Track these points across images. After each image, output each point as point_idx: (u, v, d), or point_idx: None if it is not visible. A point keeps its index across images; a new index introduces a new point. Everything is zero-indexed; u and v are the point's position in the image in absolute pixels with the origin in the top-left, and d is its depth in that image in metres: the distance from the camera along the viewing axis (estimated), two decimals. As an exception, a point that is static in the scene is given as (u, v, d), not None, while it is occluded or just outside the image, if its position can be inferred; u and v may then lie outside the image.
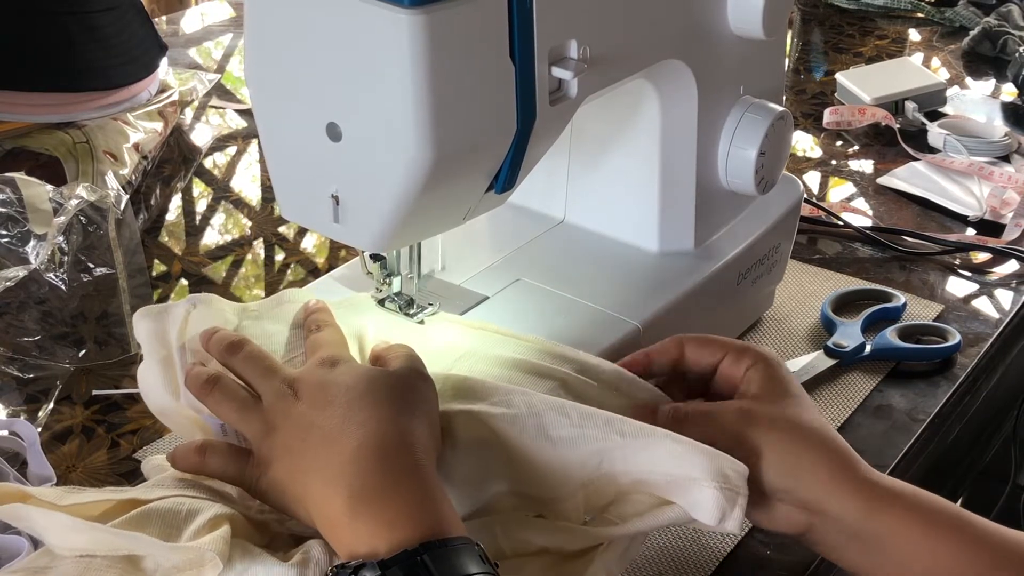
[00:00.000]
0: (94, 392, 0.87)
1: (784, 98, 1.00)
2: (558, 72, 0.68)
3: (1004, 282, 1.06)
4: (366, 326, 0.73)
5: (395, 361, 0.67)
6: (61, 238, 0.88)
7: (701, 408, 0.68)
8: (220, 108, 1.37)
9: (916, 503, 0.64)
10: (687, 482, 0.62)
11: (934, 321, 0.99)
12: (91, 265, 0.90)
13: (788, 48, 1.59)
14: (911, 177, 1.23)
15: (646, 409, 0.69)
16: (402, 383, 0.64)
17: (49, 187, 0.91)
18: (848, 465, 0.65)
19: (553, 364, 0.71)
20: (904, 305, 0.99)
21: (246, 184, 1.22)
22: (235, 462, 0.64)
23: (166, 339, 0.68)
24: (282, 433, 0.62)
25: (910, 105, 1.34)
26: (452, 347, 0.73)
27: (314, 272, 1.05)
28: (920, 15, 1.70)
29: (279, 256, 1.09)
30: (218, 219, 1.16)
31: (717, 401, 0.69)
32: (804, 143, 1.33)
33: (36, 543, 0.70)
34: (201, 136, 1.30)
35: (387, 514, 0.57)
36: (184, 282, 1.04)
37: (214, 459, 0.64)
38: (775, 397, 0.68)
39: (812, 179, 1.26)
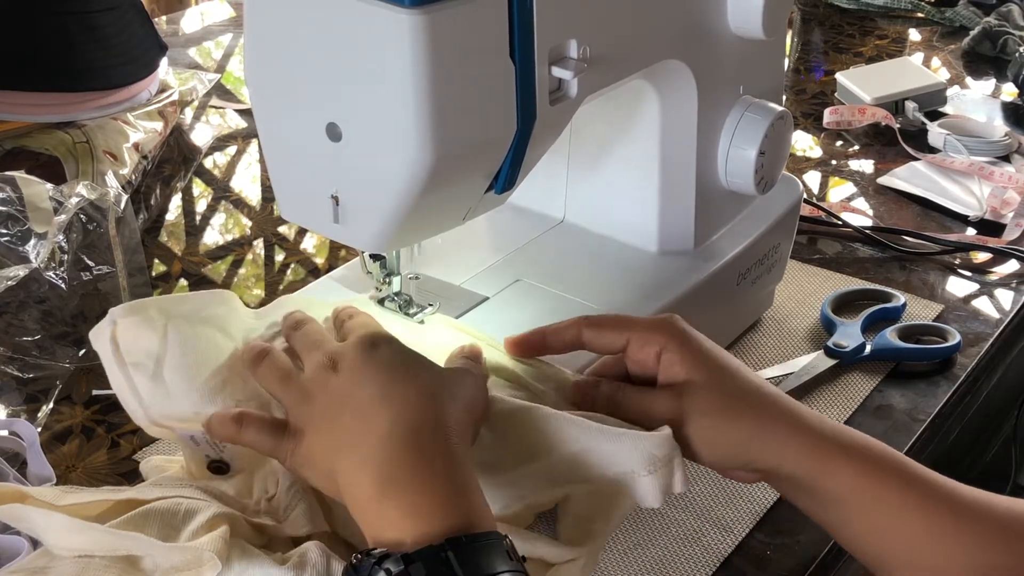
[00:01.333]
0: (94, 392, 0.87)
1: (784, 98, 1.00)
2: (558, 72, 0.68)
3: (1004, 282, 1.06)
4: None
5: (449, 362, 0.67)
6: (61, 237, 0.88)
7: (635, 397, 0.67)
8: (220, 108, 1.37)
9: (866, 455, 0.64)
10: (626, 477, 0.63)
11: (934, 321, 0.99)
12: (91, 264, 0.90)
13: (788, 48, 1.59)
14: (911, 177, 1.23)
15: (586, 387, 0.69)
16: (446, 371, 0.64)
17: (49, 186, 0.91)
18: (794, 424, 0.65)
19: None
20: (904, 305, 0.99)
21: (246, 184, 1.22)
22: (271, 434, 0.63)
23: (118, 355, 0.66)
24: (318, 404, 0.62)
25: (910, 105, 1.34)
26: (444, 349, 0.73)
27: (314, 272, 1.05)
28: (920, 15, 1.70)
29: (279, 256, 1.09)
30: (218, 219, 1.16)
31: (649, 391, 0.68)
32: (804, 143, 1.33)
33: (35, 543, 0.70)
34: (201, 136, 1.30)
35: (416, 500, 0.56)
36: (184, 282, 1.04)
37: (250, 430, 0.63)
38: (703, 378, 0.66)
39: (812, 179, 1.26)
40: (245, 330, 0.69)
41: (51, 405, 0.85)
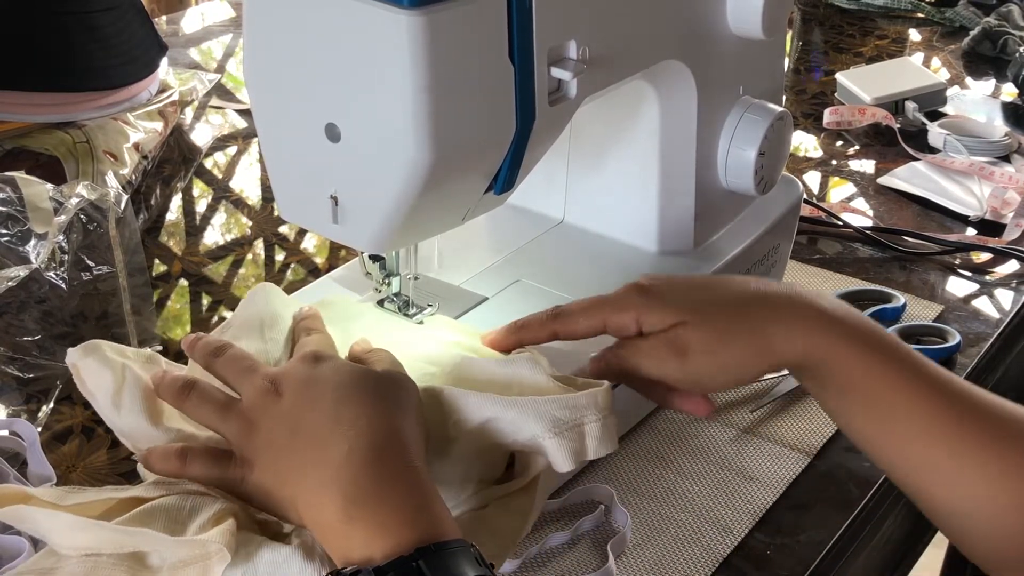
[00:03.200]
0: (94, 392, 0.87)
1: (784, 98, 1.00)
2: (557, 73, 0.68)
3: (1004, 282, 1.06)
4: (355, 330, 0.73)
5: (378, 364, 0.66)
6: (61, 237, 0.88)
7: (634, 351, 0.68)
8: (220, 108, 1.37)
9: (869, 342, 0.66)
10: (536, 442, 0.63)
11: (934, 321, 0.99)
12: (91, 264, 0.90)
13: (788, 48, 1.59)
14: (911, 177, 1.23)
15: (599, 355, 0.70)
16: (388, 380, 0.63)
17: (49, 186, 0.91)
18: (792, 318, 0.66)
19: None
20: (904, 306, 0.99)
21: (246, 184, 1.22)
22: (216, 465, 0.62)
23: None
24: (264, 432, 0.61)
25: (910, 105, 1.34)
26: (441, 353, 0.73)
27: (314, 272, 1.06)
28: (920, 15, 1.70)
29: (279, 256, 1.10)
30: (218, 219, 1.16)
31: (640, 342, 0.68)
32: (804, 143, 1.33)
33: (37, 544, 0.70)
34: (201, 136, 1.30)
35: (382, 518, 0.56)
36: (184, 282, 1.05)
37: (195, 464, 0.62)
38: (687, 316, 0.67)
39: (812, 179, 1.26)
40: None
41: (51, 405, 0.85)
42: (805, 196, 1.02)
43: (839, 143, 1.33)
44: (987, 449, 0.64)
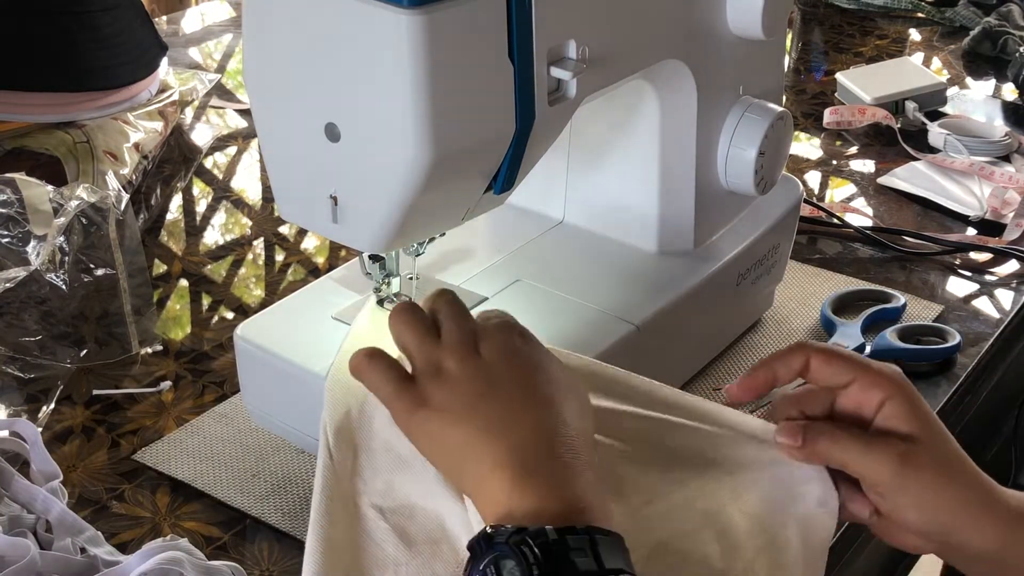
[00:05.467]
0: (94, 392, 0.87)
1: (784, 98, 1.00)
2: (557, 72, 0.68)
3: (1004, 282, 1.06)
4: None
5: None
6: (62, 239, 0.89)
7: (856, 439, 0.65)
8: (220, 108, 1.37)
9: None
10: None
11: (934, 321, 0.99)
12: (92, 265, 0.90)
13: (788, 48, 1.59)
14: (911, 177, 1.23)
15: (796, 426, 0.67)
16: (578, 387, 0.64)
17: (49, 188, 0.91)
18: (988, 495, 0.64)
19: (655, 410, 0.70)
20: (904, 306, 0.99)
21: (246, 184, 1.23)
22: (393, 382, 0.62)
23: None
24: (453, 382, 0.61)
25: (910, 105, 1.34)
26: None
27: (314, 272, 1.06)
28: (920, 15, 1.70)
29: (279, 256, 1.10)
30: (218, 219, 1.16)
31: (871, 436, 0.65)
32: (804, 143, 1.33)
33: (41, 545, 0.70)
34: (201, 136, 1.30)
35: (553, 490, 0.56)
36: (184, 282, 1.05)
37: (375, 370, 0.62)
38: (927, 436, 0.64)
39: (812, 179, 1.26)
40: None
41: (52, 405, 0.86)
42: (805, 196, 1.02)
43: (839, 143, 1.33)
44: None
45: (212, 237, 1.13)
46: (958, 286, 1.06)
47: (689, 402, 0.69)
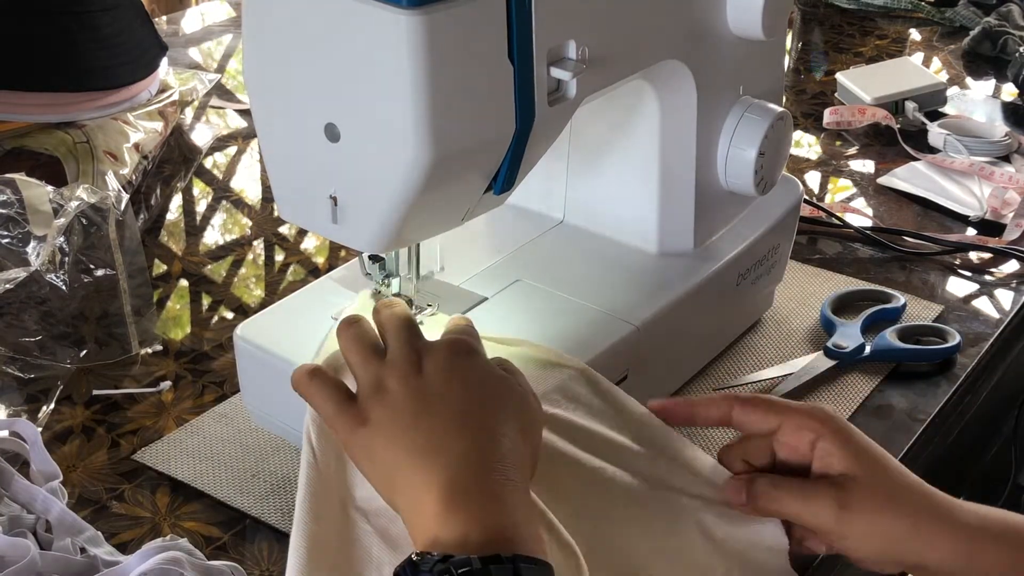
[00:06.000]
0: (94, 392, 0.87)
1: (784, 98, 1.00)
2: (557, 73, 0.68)
3: (1004, 282, 1.06)
4: None
5: (521, 380, 0.66)
6: (61, 239, 0.89)
7: (793, 492, 0.66)
8: (220, 108, 1.37)
9: (1004, 532, 0.64)
10: None
11: (934, 321, 0.99)
12: (91, 266, 0.90)
13: (788, 48, 1.59)
14: (911, 177, 1.23)
15: (740, 483, 0.68)
16: (525, 403, 0.64)
17: (49, 188, 0.91)
18: (945, 519, 0.64)
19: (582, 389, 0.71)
20: (904, 306, 0.99)
21: (246, 184, 1.23)
22: (336, 401, 0.63)
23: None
24: (394, 399, 0.61)
25: (910, 105, 1.34)
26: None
27: (314, 272, 1.06)
28: (920, 15, 1.70)
29: (279, 256, 1.10)
30: (218, 219, 1.16)
31: (807, 483, 0.67)
32: (804, 143, 1.33)
33: (41, 545, 0.70)
34: (201, 136, 1.30)
35: (483, 516, 0.56)
36: (184, 282, 1.05)
37: (319, 390, 0.63)
38: (862, 473, 0.65)
39: (812, 179, 1.26)
40: None
41: (52, 405, 0.86)
42: (805, 196, 1.02)
43: (839, 143, 1.33)
44: None
45: (212, 237, 1.13)
46: (958, 286, 1.06)
47: (657, 425, 0.71)
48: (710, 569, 0.66)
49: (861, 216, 1.16)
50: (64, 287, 0.89)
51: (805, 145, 1.33)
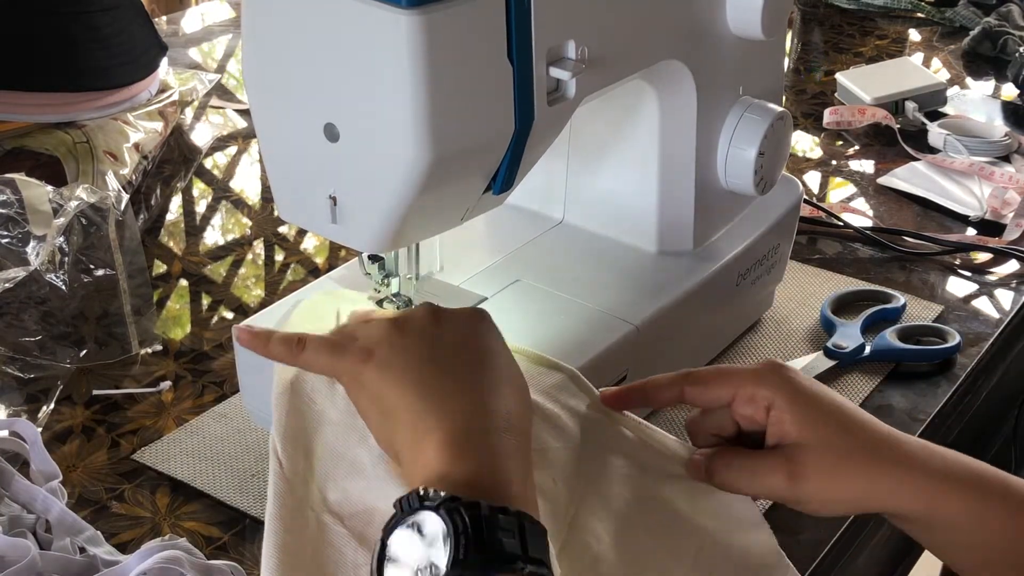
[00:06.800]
0: (94, 392, 0.87)
1: (784, 98, 1.00)
2: (556, 72, 0.68)
3: (1004, 282, 1.06)
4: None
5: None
6: (61, 239, 0.89)
7: (743, 467, 0.66)
8: (220, 108, 1.37)
9: (968, 477, 0.65)
10: None
11: (934, 321, 0.99)
12: (91, 266, 0.91)
13: (788, 48, 1.59)
14: (911, 177, 1.23)
15: (699, 461, 0.68)
16: (525, 387, 0.64)
17: (49, 188, 0.91)
18: (905, 466, 0.64)
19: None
20: (904, 306, 0.99)
21: (246, 184, 1.23)
22: (329, 352, 0.63)
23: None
24: (407, 342, 0.61)
25: (910, 105, 1.34)
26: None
27: (314, 272, 1.06)
28: (920, 15, 1.70)
29: (279, 256, 1.10)
30: (218, 219, 1.16)
31: (759, 456, 0.67)
32: (804, 143, 1.33)
33: (40, 545, 0.70)
34: (201, 136, 1.30)
35: (481, 464, 0.56)
36: (184, 282, 1.05)
37: (308, 351, 0.64)
38: (814, 438, 0.65)
39: (812, 179, 1.26)
40: None
41: (52, 405, 0.86)
42: (805, 196, 1.02)
43: (839, 143, 1.33)
44: None
45: (212, 237, 1.13)
46: (958, 286, 1.06)
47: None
48: (684, 545, 0.66)
49: (861, 216, 1.16)
50: (64, 287, 0.89)
51: (805, 145, 1.33)
